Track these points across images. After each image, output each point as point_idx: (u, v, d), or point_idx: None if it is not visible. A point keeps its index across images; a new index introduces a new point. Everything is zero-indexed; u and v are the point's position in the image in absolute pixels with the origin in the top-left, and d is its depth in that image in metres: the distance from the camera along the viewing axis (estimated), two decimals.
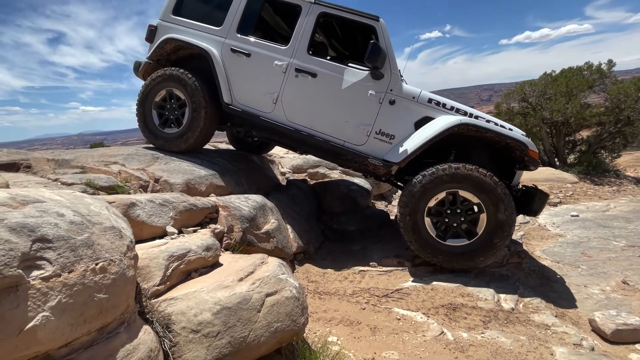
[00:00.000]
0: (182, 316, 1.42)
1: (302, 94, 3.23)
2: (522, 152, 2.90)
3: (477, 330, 2.21)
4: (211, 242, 2.01)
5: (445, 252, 2.88)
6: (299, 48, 3.23)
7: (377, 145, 3.12)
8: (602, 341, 2.22)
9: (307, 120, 3.24)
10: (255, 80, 3.33)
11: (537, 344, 2.07)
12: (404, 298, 2.58)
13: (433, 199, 2.88)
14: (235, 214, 2.62)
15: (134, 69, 3.94)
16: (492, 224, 2.80)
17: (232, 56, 3.34)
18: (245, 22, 3.39)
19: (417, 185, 2.86)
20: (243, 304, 1.53)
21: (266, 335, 1.52)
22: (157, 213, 2.14)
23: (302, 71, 3.20)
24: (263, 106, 3.31)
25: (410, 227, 2.91)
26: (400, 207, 2.95)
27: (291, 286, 1.72)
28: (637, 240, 4.05)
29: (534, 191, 2.99)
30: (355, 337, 2.11)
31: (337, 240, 3.89)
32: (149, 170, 3.15)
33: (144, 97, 3.52)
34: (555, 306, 2.59)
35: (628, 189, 7.12)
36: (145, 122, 3.54)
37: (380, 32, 3.06)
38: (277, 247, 2.84)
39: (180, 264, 1.74)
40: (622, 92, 7.25)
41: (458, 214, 2.88)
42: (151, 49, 3.62)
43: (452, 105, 3.11)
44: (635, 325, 2.21)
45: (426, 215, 2.90)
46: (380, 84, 3.09)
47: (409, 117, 3.09)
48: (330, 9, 3.20)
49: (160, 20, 3.62)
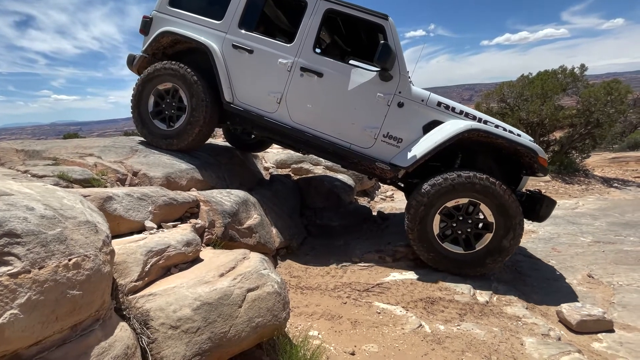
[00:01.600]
0: (161, 312, 1.40)
1: (308, 94, 3.13)
2: (532, 159, 2.89)
3: (454, 322, 2.29)
4: (191, 237, 1.97)
5: (437, 252, 2.89)
6: (305, 46, 3.11)
7: (385, 149, 3.06)
8: (568, 331, 2.36)
9: (312, 121, 3.15)
10: (258, 78, 3.19)
11: (509, 335, 2.17)
12: (384, 292, 2.63)
13: (453, 201, 2.83)
14: (216, 209, 2.59)
15: (127, 62, 3.73)
16: (493, 246, 2.81)
17: (234, 52, 3.19)
18: (247, 16, 3.23)
19: (447, 181, 2.78)
20: (224, 299, 1.52)
21: (247, 330, 1.52)
22: (136, 207, 2.08)
23: (308, 70, 3.09)
24: (266, 106, 3.19)
25: (419, 216, 2.85)
26: (419, 195, 2.85)
27: (273, 281, 1.73)
28: (602, 236, 4.31)
29: (541, 197, 3.00)
30: (336, 331, 2.14)
31: (320, 236, 3.92)
32: (127, 163, 3.05)
33: (140, 92, 3.34)
34: (527, 299, 2.72)
35: (595, 187, 7.54)
36: (140, 119, 3.36)
37: (389, 32, 2.97)
38: (259, 242, 2.83)
39: (159, 260, 1.70)
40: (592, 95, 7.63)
41: (468, 224, 2.86)
42: (146, 42, 3.42)
43: (462, 109, 3.07)
44: (598, 316, 2.35)
45: (439, 213, 2.86)
46: (389, 86, 3.02)
47: (418, 120, 3.03)
48: (337, 6, 3.08)
49: (156, 12, 3.42)
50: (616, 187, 7.62)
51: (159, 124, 3.38)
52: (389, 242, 3.46)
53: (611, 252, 3.75)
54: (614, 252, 3.75)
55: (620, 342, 2.21)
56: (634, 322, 2.41)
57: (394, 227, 4.02)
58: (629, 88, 8.27)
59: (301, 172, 5.46)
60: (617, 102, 7.56)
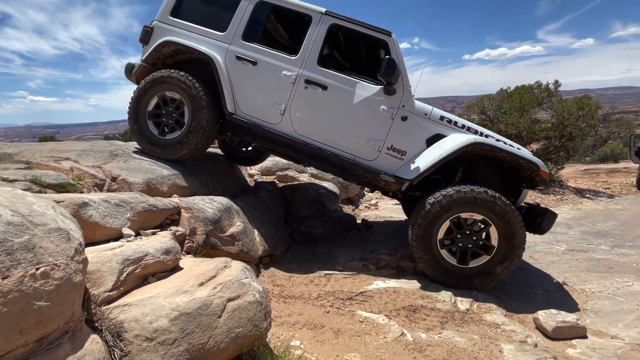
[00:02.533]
0: (136, 323, 1.34)
1: (312, 106, 3.14)
2: (533, 172, 2.93)
3: (435, 330, 2.31)
4: (171, 245, 1.92)
5: (433, 256, 2.88)
6: (309, 59, 3.14)
7: (389, 161, 3.08)
8: (544, 338, 2.42)
9: (316, 133, 3.15)
10: (262, 89, 3.20)
11: (488, 342, 2.20)
12: (367, 301, 2.63)
13: (469, 214, 2.82)
14: (198, 216, 2.54)
15: (125, 71, 3.66)
16: (486, 269, 2.84)
17: (237, 64, 3.19)
18: (251, 28, 3.24)
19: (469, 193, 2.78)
20: (203, 309, 1.48)
21: (226, 341, 1.48)
22: (113, 214, 2.01)
23: (312, 83, 3.11)
24: (269, 117, 3.18)
25: (432, 215, 2.82)
26: (442, 196, 2.82)
27: (254, 290, 1.70)
28: (576, 245, 4.48)
29: (543, 211, 3.05)
30: (318, 341, 2.11)
31: (304, 244, 3.90)
32: (106, 168, 2.96)
33: (139, 99, 3.27)
34: (506, 306, 2.78)
35: (569, 198, 7.87)
36: (138, 126, 3.28)
37: (393, 48, 3.03)
38: (242, 250, 2.78)
39: (136, 268, 1.65)
40: (565, 110, 8.04)
41: (471, 240, 2.87)
42: (146, 51, 3.37)
43: (464, 123, 3.15)
44: (572, 323, 2.43)
45: (451, 220, 2.85)
46: (393, 100, 3.06)
47: (421, 133, 3.08)
48: (342, 21, 3.13)
49: (157, 22, 3.39)
50: (588, 197, 7.99)
51: (152, 128, 3.30)
52: (373, 250, 3.48)
53: (584, 260, 3.91)
54: (586, 260, 3.90)
55: (592, 347, 2.28)
56: (605, 328, 2.50)
57: (377, 235, 4.05)
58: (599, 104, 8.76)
59: (286, 180, 5.44)
60: (588, 117, 7.99)
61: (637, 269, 3.63)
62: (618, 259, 3.92)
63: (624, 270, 3.58)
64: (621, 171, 11.79)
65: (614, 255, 4.02)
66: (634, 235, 4.83)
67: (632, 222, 5.62)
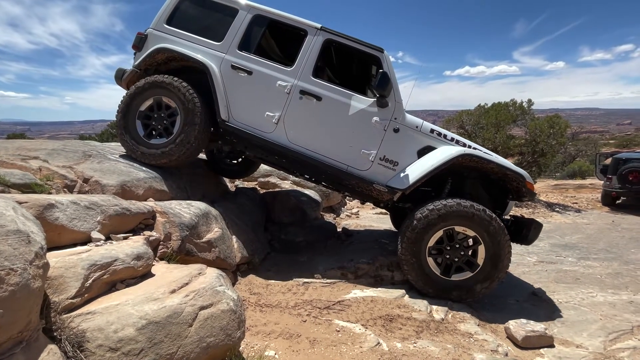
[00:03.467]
0: (100, 333, 1.27)
1: (306, 116, 3.19)
2: (520, 184, 3.03)
3: (410, 340, 2.32)
4: (143, 250, 1.85)
5: (419, 261, 2.92)
6: (304, 70, 3.21)
7: (381, 171, 3.15)
8: (514, 347, 2.48)
9: (310, 142, 3.19)
10: (256, 99, 3.22)
11: (461, 352, 2.24)
12: (345, 310, 2.62)
13: (463, 227, 2.87)
14: (174, 221, 2.46)
15: (116, 76, 3.58)
16: (466, 284, 2.89)
17: (232, 73, 3.22)
18: (247, 39, 3.29)
19: (477, 210, 2.83)
20: (173, 317, 1.42)
21: (197, 351, 1.43)
22: (82, 217, 1.92)
23: (307, 93, 3.16)
24: (263, 126, 3.21)
25: (427, 221, 2.86)
26: (442, 206, 2.86)
27: (229, 298, 1.66)
28: (545, 256, 4.67)
29: (529, 221, 3.15)
30: (294, 350, 2.08)
31: (283, 251, 3.85)
32: (78, 169, 2.83)
33: (129, 102, 3.20)
34: (479, 316, 2.84)
35: (541, 211, 8.23)
36: (125, 122, 3.21)
37: (385, 63, 3.14)
38: (219, 257, 2.72)
39: (103, 274, 1.57)
40: (537, 128, 8.48)
41: (459, 255, 2.92)
42: (139, 57, 3.35)
43: (452, 136, 3.27)
44: (541, 332, 2.51)
45: (444, 229, 2.90)
46: (385, 112, 3.15)
47: (412, 145, 3.18)
48: (336, 37, 3.23)
49: (152, 29, 3.39)
50: (558, 211, 8.38)
51: (140, 128, 3.24)
52: (352, 258, 3.49)
53: (553, 271, 4.07)
54: (555, 271, 4.07)
55: (559, 357, 2.37)
56: (571, 338, 2.60)
57: (357, 244, 4.06)
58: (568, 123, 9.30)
59: (268, 186, 5.40)
60: (558, 135, 8.45)
61: (600, 280, 3.82)
62: (583, 270, 4.12)
63: (589, 281, 3.76)
64: (588, 187, 12.48)
65: (580, 267, 4.22)
66: (598, 248, 5.10)
67: (596, 236, 5.93)
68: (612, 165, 8.52)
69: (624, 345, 2.47)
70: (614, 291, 3.51)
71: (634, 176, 7.78)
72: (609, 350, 2.42)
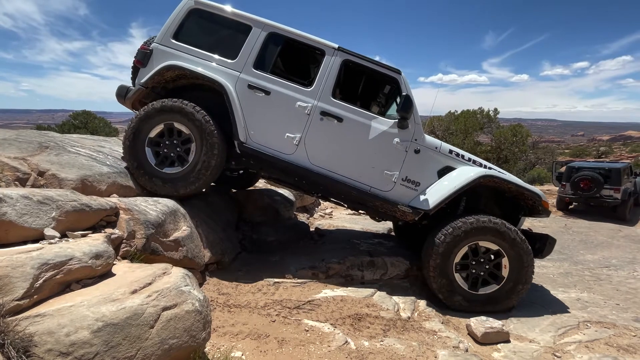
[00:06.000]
0: (49, 336, 1.19)
1: (328, 138, 3.15)
2: (536, 202, 3.21)
3: (378, 338, 2.38)
4: (103, 248, 1.76)
5: (447, 277, 3.02)
6: (324, 91, 3.16)
7: (403, 192, 3.19)
8: (474, 343, 2.61)
9: (331, 164, 3.16)
10: (275, 120, 3.14)
11: (425, 349, 2.32)
12: (314, 309, 2.63)
13: (487, 242, 3.02)
14: (139, 218, 2.36)
15: (118, 94, 3.32)
16: (492, 300, 3.03)
17: (249, 92, 3.11)
18: (262, 58, 3.19)
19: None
20: (133, 319, 1.36)
21: (158, 353, 1.38)
22: (34, 212, 1.79)
23: (328, 114, 3.13)
24: (283, 147, 3.14)
25: (455, 235, 2.97)
26: (467, 221, 2.99)
27: (194, 299, 1.61)
28: None
29: (545, 237, 3.31)
30: (261, 351, 2.06)
31: (255, 251, 3.80)
32: (32, 161, 2.64)
33: (137, 128, 3.01)
34: (443, 314, 2.96)
35: None
36: (136, 159, 3.01)
37: (403, 85, 3.19)
38: (186, 256, 2.63)
39: (56, 274, 1.47)
40: (502, 135, 9.01)
41: (484, 268, 3.04)
42: (145, 73, 3.15)
43: (469, 157, 3.39)
44: (498, 329, 2.66)
45: (469, 245, 3.03)
46: (406, 133, 3.19)
47: (433, 166, 3.25)
48: (354, 57, 3.22)
49: (158, 44, 3.20)
50: None
51: (150, 156, 3.06)
52: (324, 258, 3.51)
53: None
54: None
55: (514, 351, 2.52)
56: (525, 333, 2.78)
57: (329, 244, 4.10)
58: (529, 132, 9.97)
59: None
60: (520, 143, 9.02)
61: (552, 279, 4.12)
62: (538, 270, 4.40)
63: (543, 280, 4.04)
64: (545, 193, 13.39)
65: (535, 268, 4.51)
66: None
67: None
68: (566, 173, 9.19)
69: (571, 340, 2.68)
70: (564, 289, 3.80)
71: (585, 184, 8.45)
72: (558, 344, 2.62)
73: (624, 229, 7.47)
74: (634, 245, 5.93)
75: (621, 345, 2.60)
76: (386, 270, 3.46)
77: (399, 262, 3.53)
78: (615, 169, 8.45)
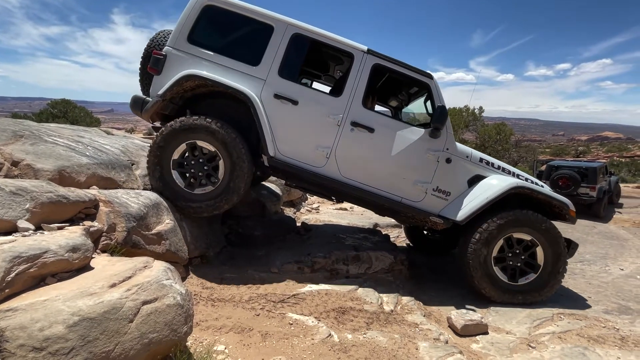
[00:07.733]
0: (21, 331, 1.16)
1: (359, 149, 3.05)
2: (564, 210, 3.27)
3: (361, 331, 2.41)
4: (80, 241, 1.71)
5: (486, 271, 3.13)
6: (354, 100, 3.02)
7: (434, 202, 3.17)
8: (454, 335, 2.69)
9: (363, 176, 3.08)
10: (305, 131, 3.01)
11: (407, 341, 2.37)
12: (299, 303, 2.65)
13: (519, 233, 3.14)
14: (119, 211, 2.30)
15: (133, 105, 3.09)
16: (531, 289, 3.16)
17: (275, 102, 2.93)
18: (287, 63, 3.00)
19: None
20: (111, 313, 1.33)
21: (137, 347, 1.36)
22: (6, 203, 1.72)
23: (359, 125, 3.01)
24: (314, 160, 3.02)
25: (489, 233, 3.07)
26: (500, 217, 3.09)
27: (175, 292, 1.59)
28: None
29: (567, 241, 3.33)
30: (245, 345, 2.06)
31: (240, 245, 3.77)
32: (6, 151, 2.53)
33: (160, 155, 2.88)
34: (425, 307, 3.03)
35: None
36: (168, 188, 2.92)
37: (435, 90, 3.10)
38: (169, 250, 2.59)
39: (30, 267, 1.42)
40: (486, 133, 9.22)
41: (520, 259, 3.16)
42: (162, 83, 2.92)
43: (499, 164, 3.37)
44: (477, 321, 2.75)
45: (504, 238, 3.13)
46: (437, 143, 3.13)
47: (464, 175, 3.22)
48: (385, 61, 3.08)
49: (171, 48, 2.96)
50: None
51: (178, 179, 2.96)
52: (309, 253, 3.52)
53: None
54: None
55: (492, 342, 2.61)
56: (503, 325, 2.88)
57: (315, 239, 4.11)
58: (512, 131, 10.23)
59: None
60: (503, 142, 9.26)
61: None
62: None
63: None
64: None
65: None
66: None
67: None
68: (546, 171, 9.48)
69: (545, 331, 2.79)
70: None
71: (563, 182, 8.75)
72: (533, 335, 2.72)
73: (598, 225, 7.78)
74: (607, 242, 6.20)
75: (591, 336, 2.72)
76: (371, 265, 3.50)
77: (383, 256, 3.58)
78: (592, 168, 8.77)
